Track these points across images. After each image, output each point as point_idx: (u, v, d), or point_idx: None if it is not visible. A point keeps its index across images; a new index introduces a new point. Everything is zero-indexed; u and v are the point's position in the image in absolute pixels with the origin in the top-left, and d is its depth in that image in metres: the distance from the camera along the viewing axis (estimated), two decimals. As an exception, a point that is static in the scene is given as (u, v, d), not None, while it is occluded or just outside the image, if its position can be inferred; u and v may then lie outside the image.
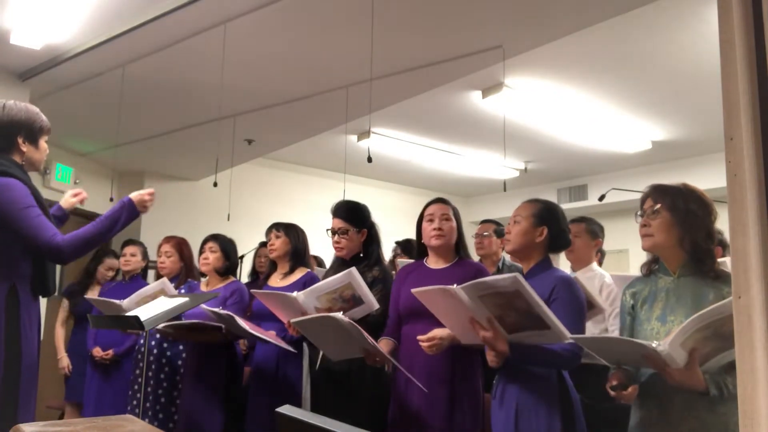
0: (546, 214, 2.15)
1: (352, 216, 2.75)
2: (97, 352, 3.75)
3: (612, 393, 1.81)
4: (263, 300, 2.69)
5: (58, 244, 2.07)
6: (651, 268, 1.93)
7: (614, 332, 2.66)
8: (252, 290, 3.01)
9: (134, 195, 2.32)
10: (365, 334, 2.14)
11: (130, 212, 2.29)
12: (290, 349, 2.68)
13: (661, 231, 1.82)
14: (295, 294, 2.49)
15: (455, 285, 1.86)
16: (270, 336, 2.66)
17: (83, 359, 4.01)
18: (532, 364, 1.98)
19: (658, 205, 1.83)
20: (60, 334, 4.21)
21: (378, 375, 2.55)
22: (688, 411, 1.69)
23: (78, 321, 4.21)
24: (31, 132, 2.21)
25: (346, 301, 2.45)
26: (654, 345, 1.59)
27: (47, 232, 2.07)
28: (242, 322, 2.62)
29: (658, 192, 1.86)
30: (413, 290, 2.05)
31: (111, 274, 4.26)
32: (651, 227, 1.83)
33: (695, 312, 1.57)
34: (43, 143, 2.27)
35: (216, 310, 2.75)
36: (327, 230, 2.79)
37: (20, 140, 2.18)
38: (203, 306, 2.75)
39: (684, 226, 1.80)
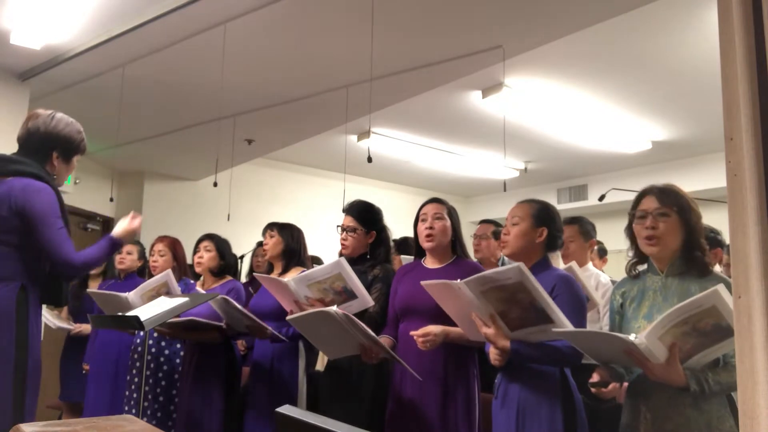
0: (545, 215, 2.15)
1: (363, 216, 2.76)
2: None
3: (593, 390, 1.83)
4: (264, 283, 2.70)
5: (74, 261, 2.15)
6: (637, 270, 1.94)
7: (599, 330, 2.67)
8: (255, 273, 3.01)
9: (117, 231, 2.38)
10: (360, 323, 2.13)
11: (113, 247, 2.37)
12: (284, 339, 2.70)
13: (671, 234, 1.81)
14: (286, 279, 2.52)
15: (459, 280, 1.87)
16: (266, 325, 2.68)
17: (81, 359, 4.02)
18: (534, 362, 1.98)
19: (666, 208, 1.81)
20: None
21: (379, 373, 2.56)
22: (673, 408, 1.71)
23: (75, 320, 4.21)
24: (68, 150, 2.27)
25: (338, 294, 2.45)
26: (632, 338, 1.61)
27: (67, 247, 2.14)
28: (237, 305, 2.64)
29: (664, 194, 1.85)
30: (423, 282, 2.06)
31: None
32: (659, 230, 1.81)
33: None
34: (74, 161, 2.34)
35: (207, 294, 2.76)
36: (337, 227, 2.81)
37: (55, 154, 2.24)
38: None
39: (687, 229, 1.80)
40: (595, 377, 1.85)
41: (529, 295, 1.79)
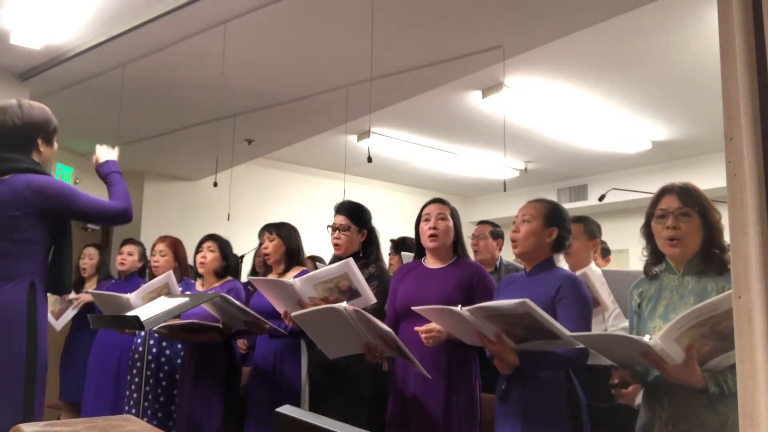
0: (556, 216, 2.15)
1: (355, 215, 2.77)
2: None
3: (613, 391, 1.81)
4: (259, 287, 2.68)
5: (121, 208, 2.26)
6: (654, 271, 1.91)
7: (614, 332, 2.64)
8: (250, 277, 2.99)
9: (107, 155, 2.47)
10: (372, 319, 2.12)
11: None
12: (284, 332, 2.69)
13: (692, 235, 1.78)
14: (291, 280, 2.49)
15: (460, 307, 1.86)
16: (264, 319, 2.68)
17: (80, 358, 4.00)
18: (542, 370, 1.98)
19: (688, 208, 1.78)
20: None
21: (377, 372, 2.56)
22: (688, 408, 1.69)
23: (75, 319, 4.20)
24: (48, 133, 2.23)
25: (343, 293, 2.45)
26: (646, 339, 1.59)
27: (106, 204, 2.25)
28: (235, 301, 2.63)
29: (686, 193, 1.81)
30: (415, 308, 2.06)
31: (92, 261, 4.22)
32: (681, 230, 1.78)
33: None
34: (55, 142, 2.29)
35: (207, 294, 2.74)
36: (327, 226, 2.80)
37: (40, 141, 2.20)
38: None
39: (707, 228, 1.78)
40: (615, 378, 1.83)
41: (535, 322, 1.77)
